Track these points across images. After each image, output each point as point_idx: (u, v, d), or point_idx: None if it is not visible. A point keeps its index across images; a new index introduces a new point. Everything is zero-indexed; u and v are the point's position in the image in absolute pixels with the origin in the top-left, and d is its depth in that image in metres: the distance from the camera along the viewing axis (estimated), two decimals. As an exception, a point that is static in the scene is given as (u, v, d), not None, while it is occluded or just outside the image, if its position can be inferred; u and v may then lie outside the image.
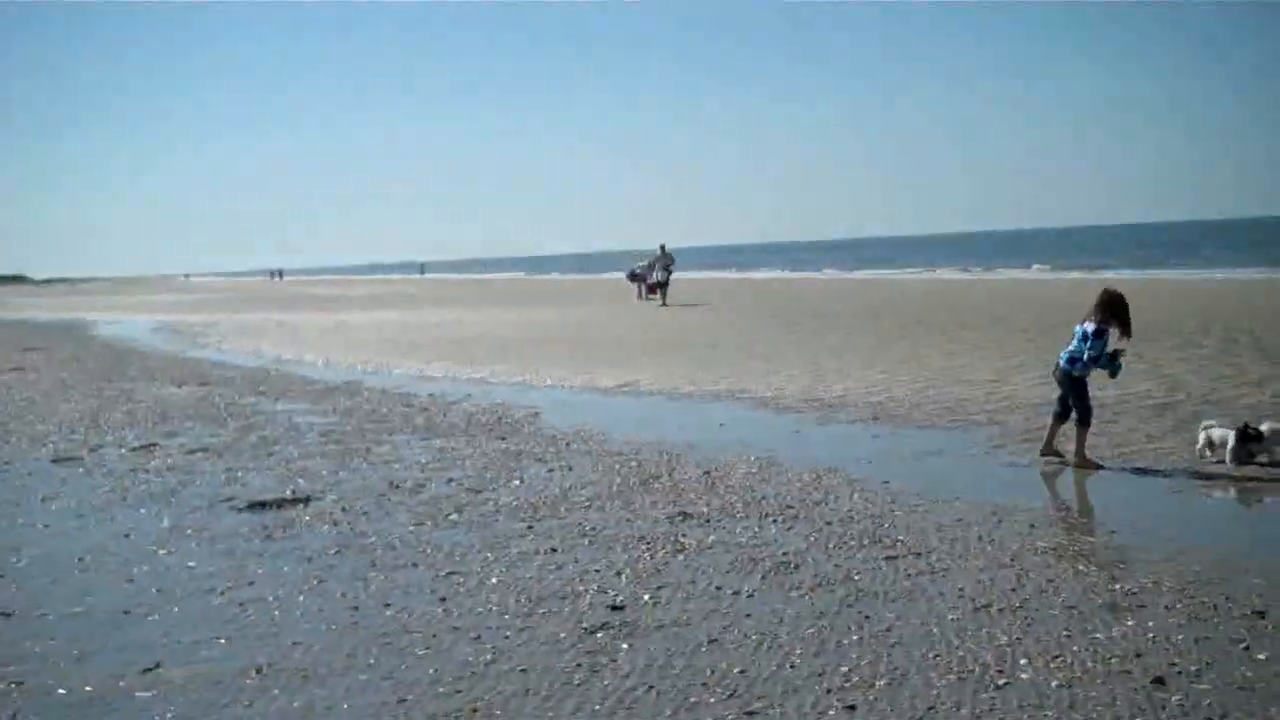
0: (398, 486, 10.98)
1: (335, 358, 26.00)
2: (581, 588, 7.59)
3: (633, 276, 48.95)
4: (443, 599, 7.45)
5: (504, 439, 13.62)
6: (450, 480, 11.21)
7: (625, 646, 6.48)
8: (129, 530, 9.62)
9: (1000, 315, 30.53)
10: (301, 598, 7.58)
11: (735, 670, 6.05)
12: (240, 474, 11.89)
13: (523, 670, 6.15)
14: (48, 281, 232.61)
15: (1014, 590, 7.27)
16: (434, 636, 6.75)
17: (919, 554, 8.16)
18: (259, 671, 6.24)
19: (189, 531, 9.50)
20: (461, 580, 7.86)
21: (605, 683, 5.95)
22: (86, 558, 8.76)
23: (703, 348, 24.57)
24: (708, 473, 11.14)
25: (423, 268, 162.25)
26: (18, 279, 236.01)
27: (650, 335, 28.81)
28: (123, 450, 13.67)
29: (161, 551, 8.89)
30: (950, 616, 6.82)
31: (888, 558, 8.08)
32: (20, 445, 14.33)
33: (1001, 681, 5.80)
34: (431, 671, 6.18)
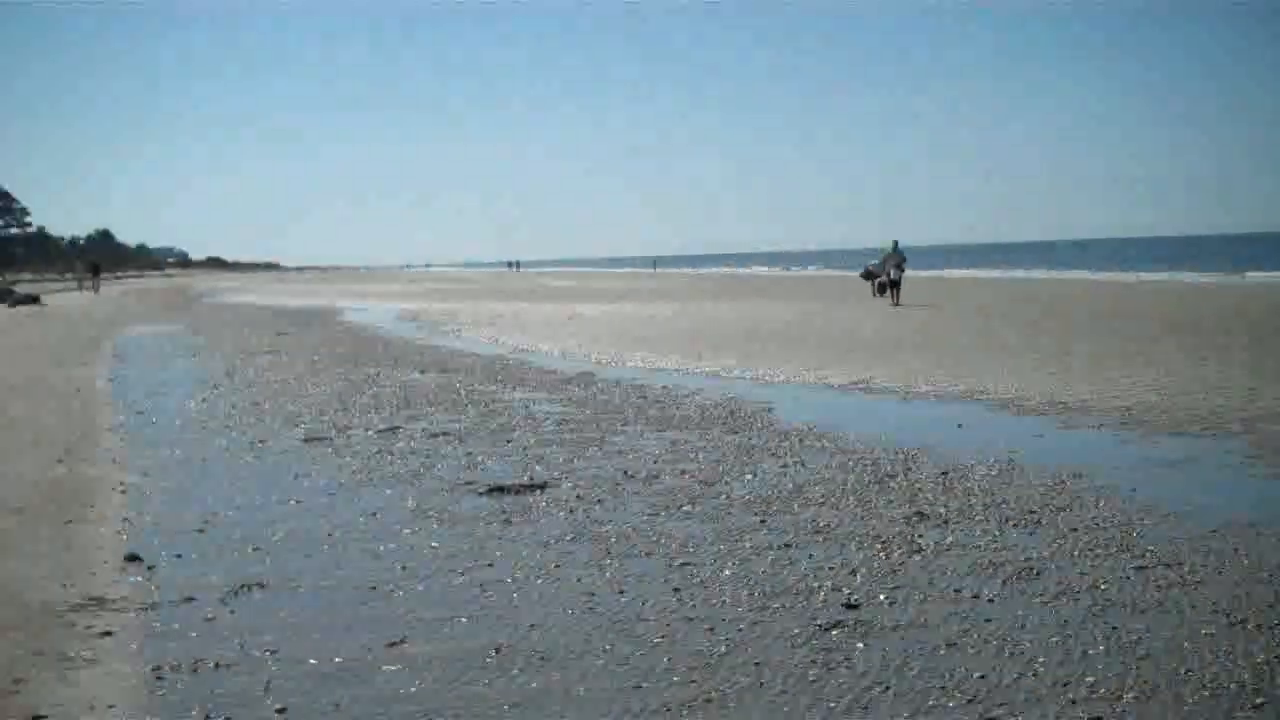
0: (632, 476, 11.09)
1: (570, 348, 26.44)
2: (815, 584, 7.52)
3: (868, 275, 48.42)
4: (676, 589, 7.48)
5: (736, 433, 13.62)
6: (683, 472, 11.27)
7: (860, 645, 6.39)
8: (376, 509, 9.95)
9: (1256, 320, 29.12)
10: (539, 581, 7.72)
11: (975, 675, 5.90)
12: (480, 459, 12.19)
13: (756, 663, 6.13)
14: (299, 269, 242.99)
15: (1272, 606, 6.91)
16: (668, 625, 6.78)
17: (1170, 565, 7.83)
18: (498, 651, 6.38)
19: (431, 513, 9.78)
20: (695, 571, 7.88)
21: (840, 681, 5.88)
22: (336, 534, 9.10)
23: (937, 346, 24.14)
24: (945, 473, 10.92)
25: (655, 262, 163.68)
26: (272, 266, 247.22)
27: (882, 332, 28.44)
28: (369, 432, 14.17)
29: (406, 531, 9.17)
30: (1203, 631, 6.52)
31: (1137, 568, 7.77)
32: (274, 425, 14.99)
33: (1259, 701, 5.52)
34: (666, 660, 6.21)
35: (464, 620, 6.95)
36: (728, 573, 7.83)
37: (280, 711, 5.50)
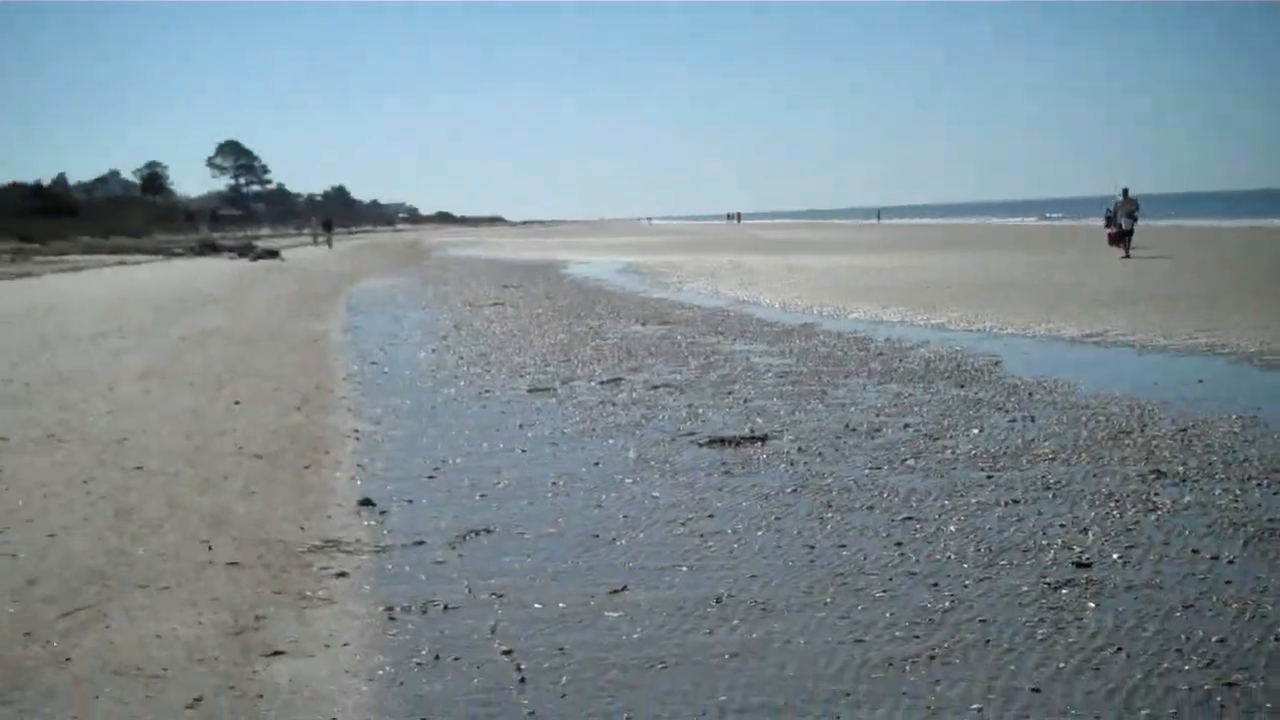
0: (854, 429, 10.96)
1: (791, 300, 26.28)
2: (1044, 542, 7.31)
3: (1109, 221, 46.63)
4: (899, 543, 7.37)
5: (962, 386, 13.33)
6: (907, 425, 11.08)
7: (1092, 605, 6.18)
8: (598, 459, 10.07)
9: None
10: (759, 533, 7.69)
11: (1213, 639, 5.65)
12: (701, 410, 12.21)
13: (982, 621, 5.99)
14: (524, 223, 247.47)
15: None
16: (890, 580, 6.68)
17: None
18: (719, 601, 6.38)
19: (653, 463, 9.84)
20: (919, 526, 7.75)
21: (1070, 640, 5.70)
22: (560, 482, 9.24)
23: (1173, 297, 23.15)
24: (1184, 430, 10.48)
25: (878, 213, 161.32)
26: (497, 220, 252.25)
27: (1115, 283, 27.42)
28: (592, 383, 14.35)
29: (628, 480, 9.25)
30: None
31: (1393, 531, 7.33)
32: (500, 375, 15.30)
33: None
34: (888, 615, 6.12)
35: (685, 569, 6.97)
36: (952, 528, 7.67)
37: (507, 653, 5.61)
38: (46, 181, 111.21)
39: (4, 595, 6.15)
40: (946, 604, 6.26)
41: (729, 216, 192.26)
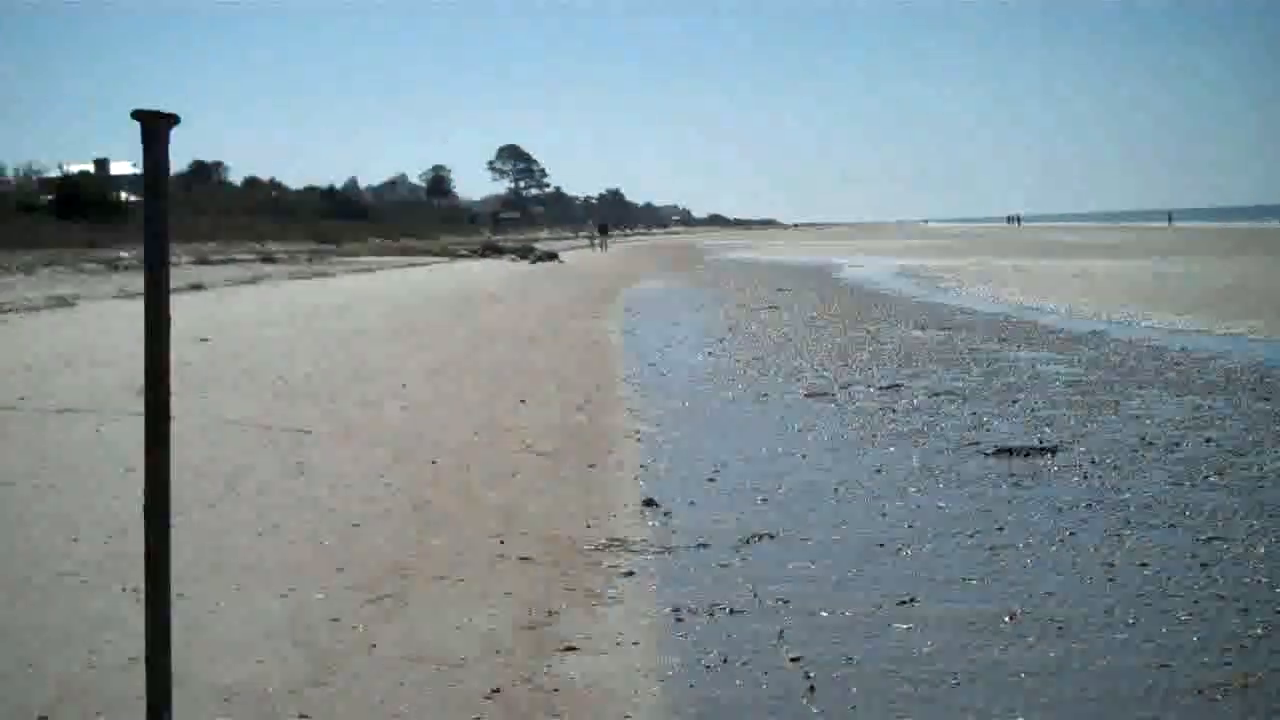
0: (1150, 443, 10.49)
1: (1077, 306, 25.43)
2: (1368, 569, 6.83)
3: None
4: (1205, 565, 7.00)
5: (1268, 399, 12.61)
6: (1208, 440, 10.54)
7: None
8: (880, 466, 9.92)
9: None
10: (1052, 548, 7.43)
11: None
12: (985, 419, 11.91)
13: (1301, 652, 5.63)
14: (795, 225, 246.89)
15: None
16: (1195, 603, 6.35)
17: None
18: (1012, 618, 6.18)
19: (937, 472, 9.64)
20: (1225, 546, 7.35)
21: (1402, 677, 5.30)
22: (841, 489, 9.14)
23: None
24: None
25: (1170, 216, 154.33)
26: (769, 223, 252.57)
27: None
28: (870, 389, 14.17)
29: (911, 489, 9.09)
30: None
31: None
32: (777, 379, 15.27)
33: None
34: (1195, 639, 5.81)
35: (974, 583, 6.79)
36: (1262, 550, 7.25)
37: (795, 660, 5.56)
38: (339, 185, 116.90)
39: (313, 581, 6.44)
40: (1259, 630, 5.91)
41: (1009, 219, 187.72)
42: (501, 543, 7.37)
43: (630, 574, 6.92)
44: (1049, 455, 10.10)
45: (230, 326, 19.96)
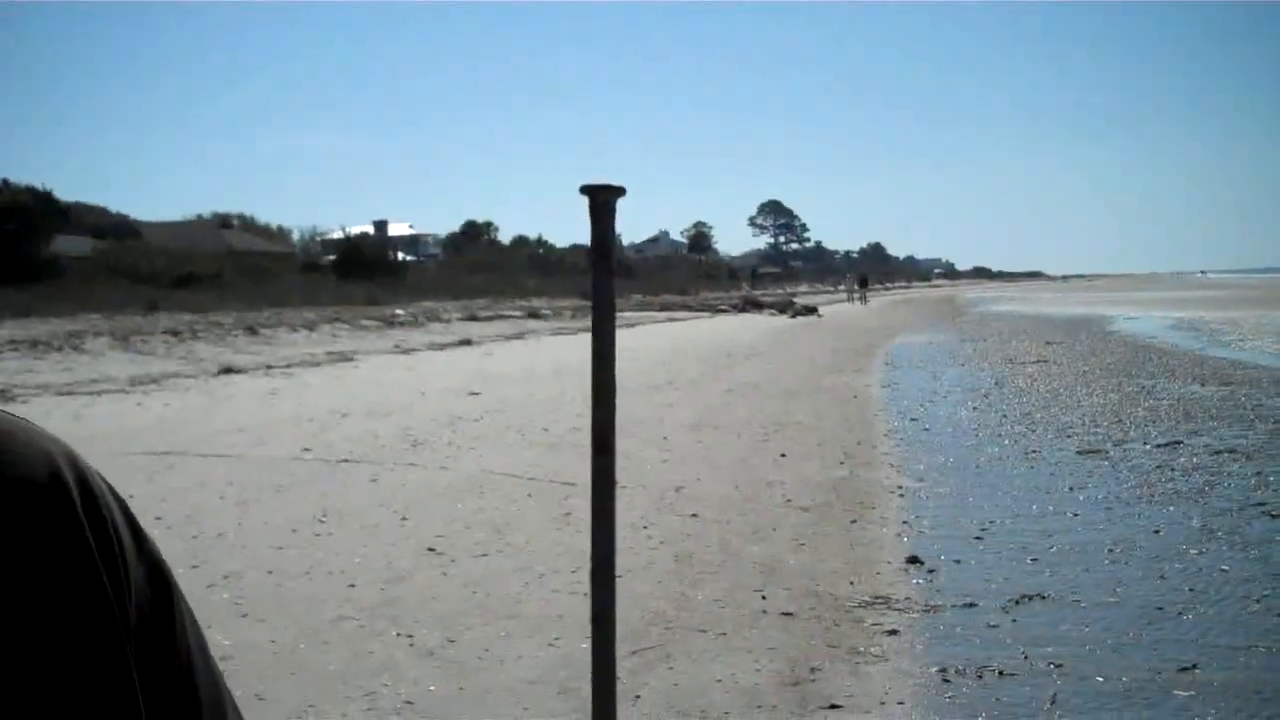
0: None
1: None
2: None
3: None
4: None
5: None
6: None
7: None
8: (1157, 527, 9.51)
9: None
10: (1350, 617, 6.98)
11: None
12: (1271, 479, 11.30)
13: None
14: (1064, 277, 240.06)
15: None
16: None
17: None
18: (1305, 689, 5.83)
19: (1219, 533, 9.18)
20: None
21: None
22: (1116, 549, 8.79)
23: None
24: None
25: None
26: (1036, 275, 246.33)
27: None
28: (1146, 446, 13.61)
29: (1192, 551, 8.67)
30: None
31: None
32: (1046, 435, 14.82)
33: None
34: None
35: (1262, 650, 6.42)
36: None
37: (1067, 728, 5.36)
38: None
39: (577, 631, 6.55)
40: None
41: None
42: (763, 597, 7.35)
43: (894, 632, 6.79)
44: (1344, 518, 9.51)
45: (497, 380, 20.57)
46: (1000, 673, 6.11)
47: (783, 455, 12.86)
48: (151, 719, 0.74)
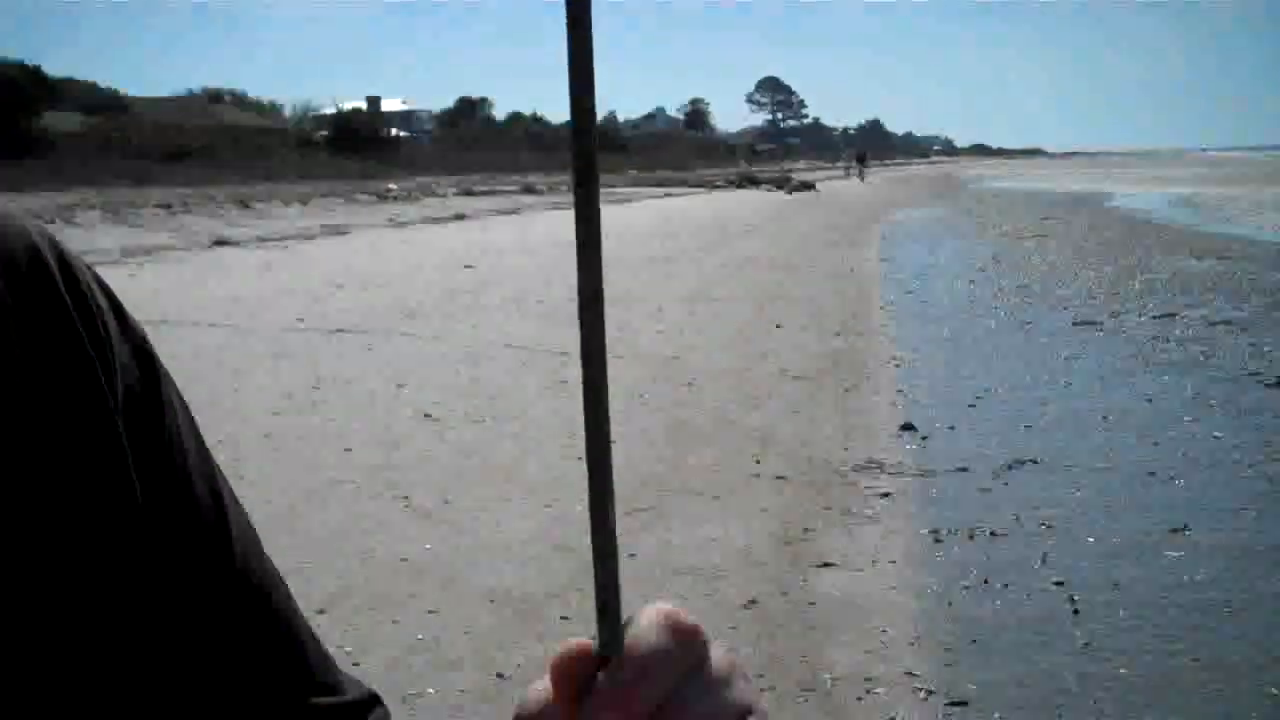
0: None
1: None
2: None
3: None
4: None
5: None
6: None
7: None
8: (1150, 395, 9.54)
9: None
10: (1339, 481, 7.03)
11: None
12: (1267, 349, 11.32)
13: None
14: (1064, 155, 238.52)
15: None
16: None
17: None
18: (1296, 549, 5.88)
19: (1212, 402, 9.22)
20: None
21: None
22: (1109, 417, 8.82)
23: None
24: None
25: None
26: (1035, 152, 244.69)
27: None
28: (1141, 318, 13.62)
29: (1185, 418, 8.71)
30: None
31: None
32: (1041, 308, 14.82)
33: None
34: None
35: (1253, 514, 6.47)
36: None
37: (1059, 584, 5.40)
38: (599, 119, 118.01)
39: (573, 493, 6.59)
40: None
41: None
42: (758, 462, 7.38)
43: (887, 495, 6.83)
44: (1337, 386, 9.55)
45: (493, 254, 20.50)
46: (992, 533, 6.16)
47: (778, 327, 12.85)
48: (144, 491, 0.73)
